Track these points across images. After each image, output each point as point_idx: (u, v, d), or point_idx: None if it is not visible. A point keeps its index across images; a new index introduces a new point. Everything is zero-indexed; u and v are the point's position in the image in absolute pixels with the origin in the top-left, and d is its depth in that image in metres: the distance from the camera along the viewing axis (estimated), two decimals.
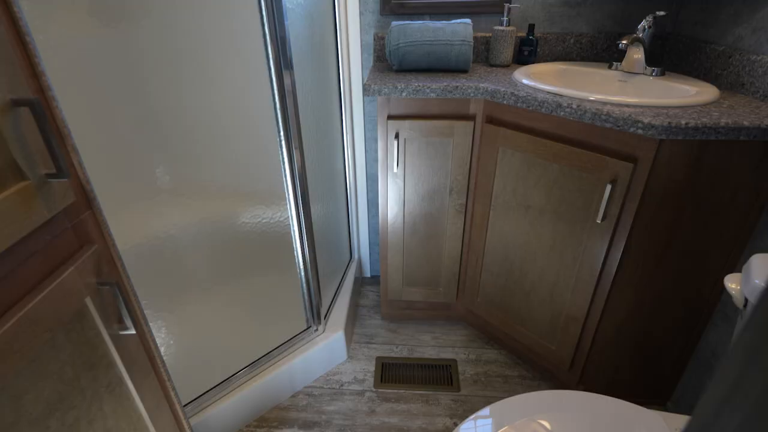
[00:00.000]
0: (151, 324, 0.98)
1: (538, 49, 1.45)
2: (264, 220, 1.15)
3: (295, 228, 1.23)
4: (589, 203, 1.06)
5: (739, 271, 1.04)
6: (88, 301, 0.60)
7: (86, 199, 0.62)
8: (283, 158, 1.13)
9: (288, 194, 1.18)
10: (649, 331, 1.17)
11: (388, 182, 1.36)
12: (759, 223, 0.99)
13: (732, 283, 0.76)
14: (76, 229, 0.60)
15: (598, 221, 1.03)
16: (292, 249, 1.26)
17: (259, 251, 1.17)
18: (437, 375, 1.45)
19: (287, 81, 1.05)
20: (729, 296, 1.08)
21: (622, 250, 1.04)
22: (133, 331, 0.67)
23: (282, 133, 1.10)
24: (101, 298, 0.63)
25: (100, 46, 0.76)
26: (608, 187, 0.98)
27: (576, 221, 1.11)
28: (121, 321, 0.67)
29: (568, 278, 1.19)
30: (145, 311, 0.95)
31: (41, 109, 0.49)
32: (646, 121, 0.89)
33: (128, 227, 0.90)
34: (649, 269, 1.07)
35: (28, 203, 0.50)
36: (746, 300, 0.72)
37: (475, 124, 1.24)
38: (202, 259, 1.05)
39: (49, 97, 0.55)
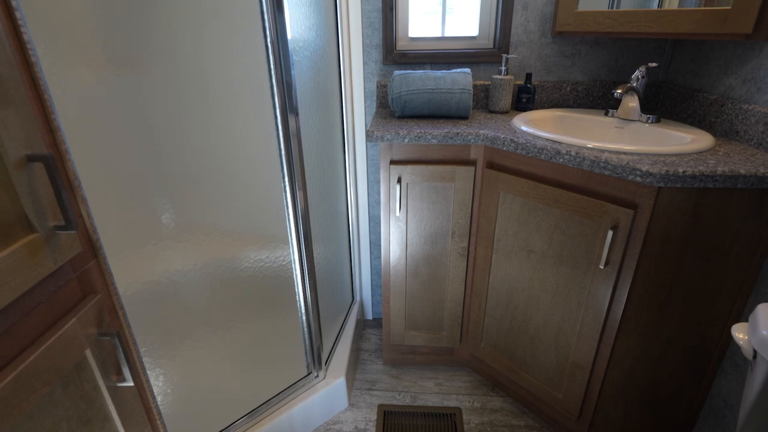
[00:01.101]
0: (149, 372, 0.96)
1: (536, 96, 1.50)
2: (266, 264, 1.15)
3: (297, 270, 1.23)
4: (591, 248, 1.07)
5: (746, 320, 1.03)
6: (88, 352, 0.59)
7: (92, 248, 0.63)
8: (286, 199, 1.14)
9: (291, 236, 1.19)
10: (658, 378, 1.14)
11: (391, 225, 1.37)
12: (762, 269, 0.98)
13: (739, 333, 0.75)
14: (80, 279, 0.61)
15: (601, 267, 1.03)
16: (293, 292, 1.25)
17: (261, 295, 1.17)
18: (441, 425, 1.40)
19: (292, 125, 1.08)
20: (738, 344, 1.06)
21: (626, 296, 1.03)
22: (131, 383, 0.66)
23: (286, 174, 1.12)
24: (101, 350, 0.62)
25: (109, 93, 0.79)
26: (610, 233, 0.99)
27: (579, 266, 1.11)
28: (119, 372, 0.66)
29: (573, 324, 1.17)
30: (144, 359, 0.94)
31: (54, 164, 0.51)
32: (644, 168, 0.90)
33: (130, 272, 0.90)
34: (654, 315, 1.06)
35: (35, 256, 0.50)
36: (755, 351, 0.71)
37: (476, 169, 1.26)
38: (203, 303, 1.04)
39: (62, 150, 0.57)
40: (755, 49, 1.04)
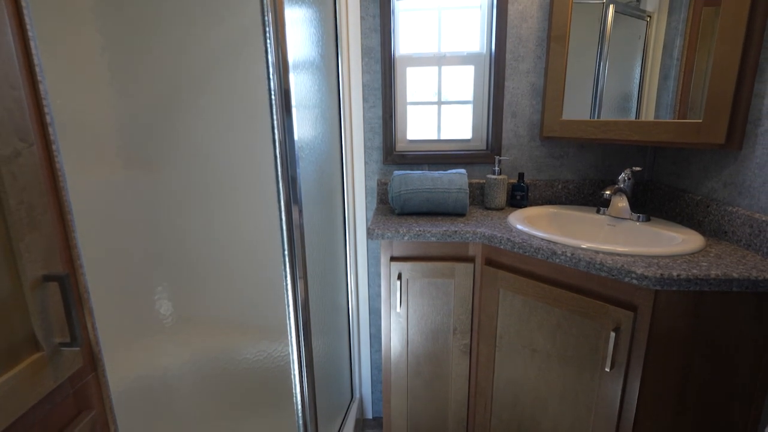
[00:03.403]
0: None
1: (529, 194, 1.57)
2: (263, 357, 1.12)
3: (295, 365, 1.19)
4: (595, 350, 1.05)
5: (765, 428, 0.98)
6: None
7: (92, 361, 0.63)
8: (287, 289, 1.14)
9: (290, 327, 1.17)
10: None
11: (392, 321, 1.35)
12: None
13: None
14: (77, 395, 0.60)
15: (607, 369, 1.01)
16: (290, 389, 1.20)
17: (256, 391, 1.12)
18: None
19: (295, 216, 1.12)
20: None
21: (636, 401, 1.00)
22: None
23: (288, 264, 1.13)
24: None
25: (120, 191, 0.83)
26: (612, 335, 0.98)
27: (585, 368, 1.08)
28: None
29: (584, 430, 1.11)
30: None
31: (69, 284, 0.53)
32: (639, 271, 0.92)
33: (123, 367, 0.87)
34: (668, 421, 1.01)
35: (37, 375, 0.50)
36: None
37: (474, 265, 1.29)
38: (195, 399, 1.00)
39: (77, 266, 0.59)
40: (730, 156, 1.12)
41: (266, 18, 1.04)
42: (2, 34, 0.48)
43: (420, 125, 1.64)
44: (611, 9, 1.35)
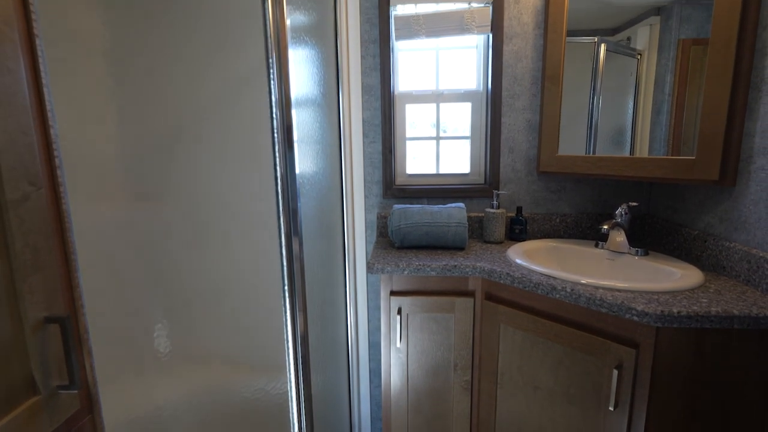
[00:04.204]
0: None
1: (528, 227, 1.58)
2: (261, 395, 1.10)
3: (294, 402, 1.17)
4: (598, 388, 1.03)
5: None
6: None
7: (89, 404, 0.62)
8: (286, 322, 1.13)
9: (288, 362, 1.15)
10: None
11: (392, 357, 1.34)
12: None
13: None
14: None
15: (611, 408, 0.99)
16: (289, 427, 1.17)
17: (253, 428, 1.09)
18: None
19: (296, 247, 1.13)
20: None
21: None
22: None
23: (287, 296, 1.12)
24: None
25: (122, 225, 0.84)
26: (615, 373, 0.97)
27: (589, 407, 1.06)
28: None
29: None
30: None
31: (70, 325, 0.53)
32: (639, 308, 0.92)
33: (119, 404, 0.86)
34: None
35: (33, 420, 0.50)
36: None
37: (475, 300, 1.28)
38: None
39: (78, 308, 0.59)
40: (725, 192, 1.14)
41: (270, 57, 1.08)
42: (18, 83, 0.50)
43: (419, 160, 1.67)
44: (602, 48, 1.40)
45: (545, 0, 1.44)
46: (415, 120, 1.65)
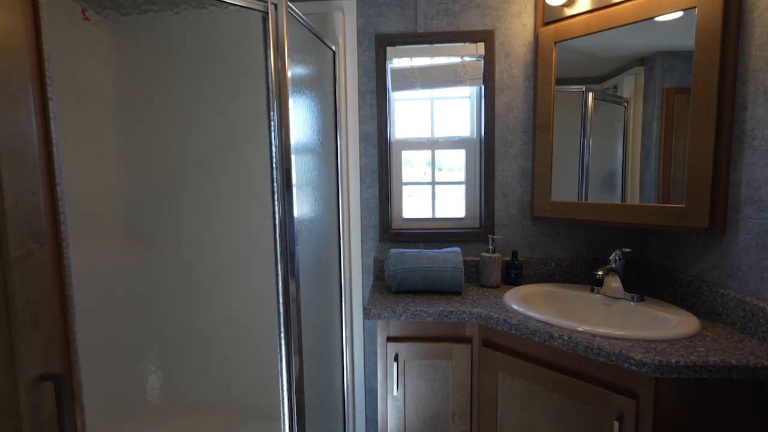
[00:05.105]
0: None
1: (524, 271, 1.59)
2: None
3: None
4: None
5: None
6: None
7: None
8: (281, 365, 1.11)
9: (283, 409, 1.12)
10: None
11: (389, 405, 1.30)
12: None
13: None
14: None
15: None
16: None
17: None
18: None
19: (292, 289, 1.12)
20: None
21: None
22: None
23: (283, 338, 1.11)
24: None
25: (118, 271, 0.83)
26: (616, 425, 0.95)
27: None
28: None
29: None
30: None
31: (65, 384, 0.53)
32: (637, 358, 0.92)
33: None
34: None
35: None
36: None
37: (472, 346, 1.27)
38: None
39: (74, 363, 0.59)
40: (716, 240, 1.16)
41: (271, 105, 1.12)
42: (30, 145, 0.52)
43: (415, 204, 1.70)
44: (590, 96, 1.46)
45: (534, 54, 1.52)
46: (411, 166, 1.69)
